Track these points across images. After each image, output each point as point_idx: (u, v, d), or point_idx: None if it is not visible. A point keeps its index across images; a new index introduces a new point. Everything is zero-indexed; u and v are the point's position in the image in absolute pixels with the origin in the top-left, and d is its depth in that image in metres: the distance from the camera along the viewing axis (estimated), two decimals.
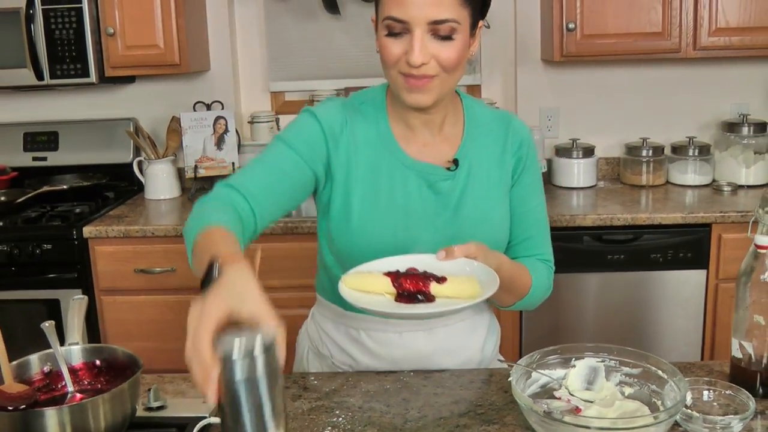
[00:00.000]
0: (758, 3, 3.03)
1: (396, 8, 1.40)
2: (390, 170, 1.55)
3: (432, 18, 1.39)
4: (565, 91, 3.54)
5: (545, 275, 1.65)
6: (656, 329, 2.96)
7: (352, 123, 1.55)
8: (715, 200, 3.06)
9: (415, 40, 1.39)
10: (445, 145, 1.59)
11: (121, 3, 3.12)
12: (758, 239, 1.37)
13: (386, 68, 1.47)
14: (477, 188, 1.58)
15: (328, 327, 1.68)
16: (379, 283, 1.33)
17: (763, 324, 1.38)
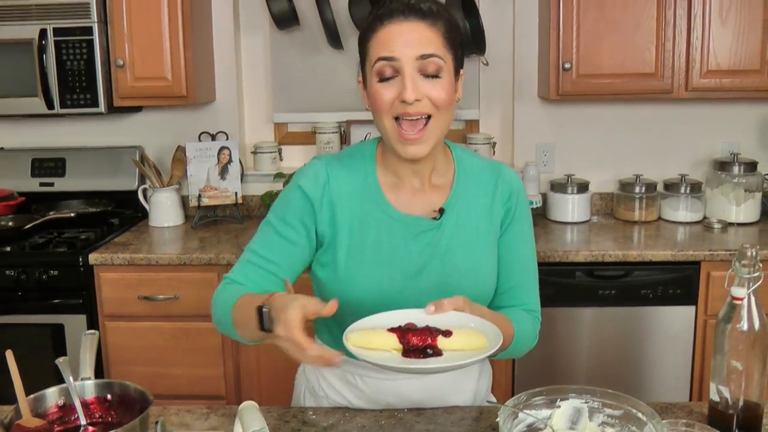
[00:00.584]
0: (747, 47, 3.12)
1: (385, 49, 1.48)
2: (376, 222, 1.60)
3: (419, 53, 1.47)
4: (561, 128, 3.63)
5: (530, 326, 1.68)
6: (647, 363, 3.02)
7: (335, 179, 1.61)
8: (705, 237, 3.14)
9: (406, 78, 1.46)
10: (435, 194, 1.64)
11: (131, 35, 3.21)
12: (734, 291, 1.44)
13: (379, 117, 1.52)
14: (465, 238, 1.62)
15: (324, 369, 1.72)
16: (384, 340, 1.36)
17: (741, 369, 1.46)
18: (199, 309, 2.99)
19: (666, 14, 3.11)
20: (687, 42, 3.14)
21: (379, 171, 1.63)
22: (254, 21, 3.64)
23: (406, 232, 1.60)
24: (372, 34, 1.51)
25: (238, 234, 3.29)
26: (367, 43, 1.53)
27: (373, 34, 1.51)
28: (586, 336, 3.01)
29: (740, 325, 1.45)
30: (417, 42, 1.47)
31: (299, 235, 1.61)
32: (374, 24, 1.51)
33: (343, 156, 1.66)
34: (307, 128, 3.73)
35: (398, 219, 1.60)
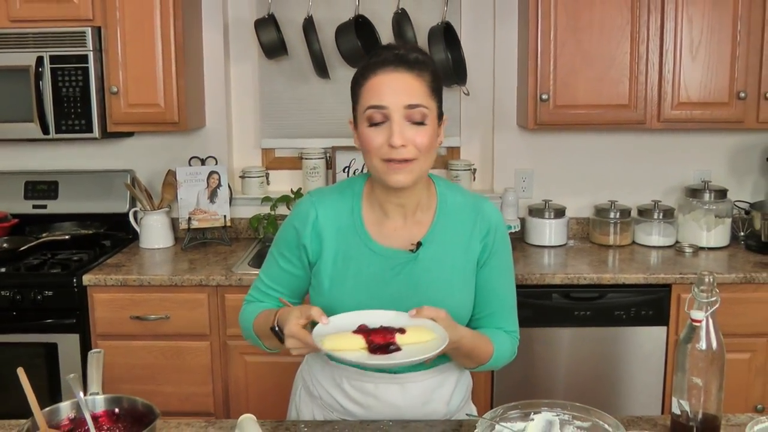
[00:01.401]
0: (717, 81, 3.27)
1: (376, 97, 1.63)
2: (358, 255, 1.74)
3: (407, 102, 1.62)
4: (539, 155, 3.76)
5: (507, 344, 1.83)
6: (621, 381, 3.14)
7: (322, 216, 1.77)
8: (676, 261, 3.27)
9: (394, 124, 1.61)
10: (416, 229, 1.77)
11: (125, 63, 3.31)
12: (693, 314, 1.57)
13: (368, 157, 1.67)
14: (440, 272, 1.74)
15: (317, 371, 1.87)
16: (353, 342, 1.53)
17: (700, 385, 1.58)
18: (190, 328, 3.09)
19: (639, 49, 3.26)
20: (659, 75, 3.28)
21: (365, 207, 1.78)
22: (244, 50, 3.76)
23: (385, 264, 1.73)
24: (364, 81, 1.66)
25: (227, 256, 3.40)
26: (359, 89, 1.67)
27: (366, 82, 1.65)
28: (563, 355, 3.13)
29: (699, 345, 1.58)
30: (405, 92, 1.62)
31: (296, 267, 1.82)
32: (366, 72, 1.66)
33: (333, 192, 1.82)
34: (294, 154, 3.84)
35: (378, 252, 1.74)
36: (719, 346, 1.57)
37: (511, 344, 1.85)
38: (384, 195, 1.74)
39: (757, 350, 3.09)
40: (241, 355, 3.11)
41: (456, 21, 3.63)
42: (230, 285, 3.06)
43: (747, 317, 3.04)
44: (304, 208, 1.79)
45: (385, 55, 1.66)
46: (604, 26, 3.25)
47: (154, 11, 3.28)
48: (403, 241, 1.75)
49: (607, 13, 3.24)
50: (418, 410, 1.80)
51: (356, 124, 1.71)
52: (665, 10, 3.23)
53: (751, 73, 3.26)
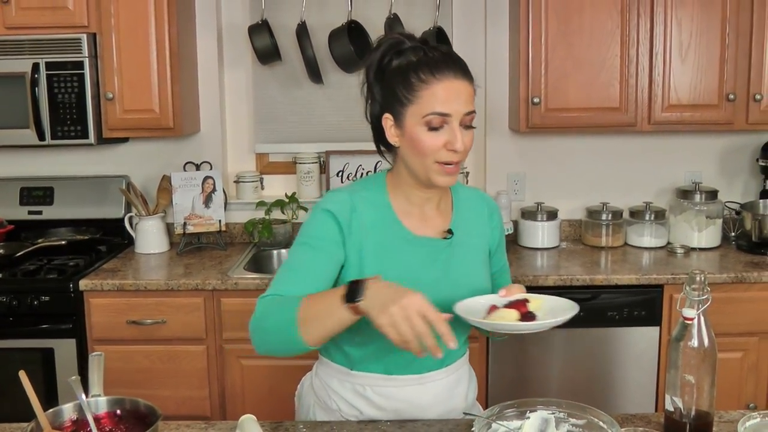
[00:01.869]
0: (706, 83, 3.31)
1: (441, 105, 1.68)
2: (396, 246, 1.79)
3: (467, 110, 1.70)
4: (531, 159, 3.79)
5: None
6: (614, 381, 3.17)
7: (360, 209, 1.78)
8: (668, 262, 3.30)
9: (456, 131, 1.69)
10: (440, 218, 1.87)
11: (120, 70, 3.33)
12: (685, 312, 1.60)
13: (421, 157, 1.71)
14: (466, 255, 1.87)
15: (334, 384, 1.87)
16: (510, 315, 1.67)
17: (693, 382, 1.61)
18: (186, 332, 3.11)
19: (629, 52, 3.30)
20: (649, 78, 3.32)
21: (393, 202, 1.83)
22: (238, 56, 3.79)
23: (422, 252, 1.81)
24: (423, 85, 1.68)
25: (222, 260, 3.42)
26: (419, 91, 1.69)
27: (426, 86, 1.68)
28: (556, 356, 3.16)
29: (691, 343, 1.60)
30: (465, 100, 1.69)
31: (330, 253, 1.75)
32: (424, 73, 1.69)
33: (357, 189, 1.84)
34: (287, 158, 3.86)
35: (414, 242, 1.81)
36: (711, 343, 1.60)
37: None
38: (416, 189, 1.81)
39: (749, 349, 3.12)
40: (238, 359, 3.13)
41: (447, 25, 3.66)
42: (226, 289, 3.08)
43: (739, 316, 3.08)
44: (340, 198, 1.78)
45: (440, 58, 1.71)
46: (594, 30, 3.28)
47: (149, 18, 3.30)
48: (432, 230, 1.84)
49: (597, 17, 3.28)
50: (441, 408, 1.85)
51: (401, 121, 1.73)
52: (654, 14, 3.27)
53: (740, 76, 3.30)
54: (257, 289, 3.05)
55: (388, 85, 1.74)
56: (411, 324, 1.44)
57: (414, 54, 1.72)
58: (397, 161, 1.82)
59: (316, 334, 1.58)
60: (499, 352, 3.13)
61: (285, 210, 3.67)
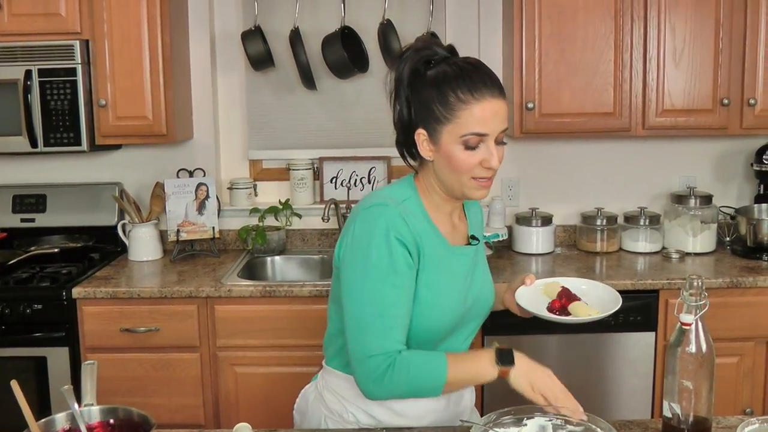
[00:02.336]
0: (700, 88, 3.31)
1: (480, 126, 1.68)
2: (441, 257, 1.79)
3: (502, 128, 1.72)
4: (525, 164, 3.78)
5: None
6: (611, 387, 3.16)
7: (413, 225, 1.73)
8: (663, 267, 3.30)
9: (492, 149, 1.71)
10: (462, 225, 1.92)
11: (113, 76, 3.32)
12: (683, 317, 1.59)
13: (456, 174, 1.72)
14: (481, 257, 1.95)
15: (351, 396, 1.85)
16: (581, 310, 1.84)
17: (690, 388, 1.60)
18: (180, 340, 3.10)
19: (623, 57, 3.30)
20: (643, 83, 3.32)
21: (428, 211, 1.82)
22: (231, 62, 3.78)
23: (460, 261, 1.84)
24: (463, 105, 1.67)
25: (216, 267, 3.40)
26: (455, 110, 1.68)
27: (465, 106, 1.67)
28: (551, 362, 3.07)
29: (689, 348, 1.60)
30: (502, 120, 1.71)
31: (411, 279, 1.73)
32: (462, 92, 1.67)
33: (398, 199, 1.77)
34: (281, 165, 3.85)
35: (452, 251, 1.83)
36: (709, 348, 1.59)
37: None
38: (445, 200, 1.83)
39: (744, 354, 3.12)
40: (231, 367, 3.11)
41: (441, 31, 3.66)
42: (219, 296, 3.06)
43: (734, 321, 3.07)
44: (395, 218, 1.72)
45: (480, 76, 1.70)
46: (588, 35, 3.28)
47: (142, 24, 3.29)
48: (457, 238, 1.88)
49: (590, 22, 3.28)
50: (453, 410, 1.89)
51: (437, 138, 1.72)
52: (648, 18, 3.27)
53: (734, 80, 3.30)
54: (251, 296, 3.04)
55: (423, 98, 1.72)
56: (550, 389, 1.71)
57: (449, 67, 1.71)
58: (426, 172, 1.81)
59: (454, 389, 1.83)
60: None
61: (279, 217, 3.66)
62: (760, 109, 3.32)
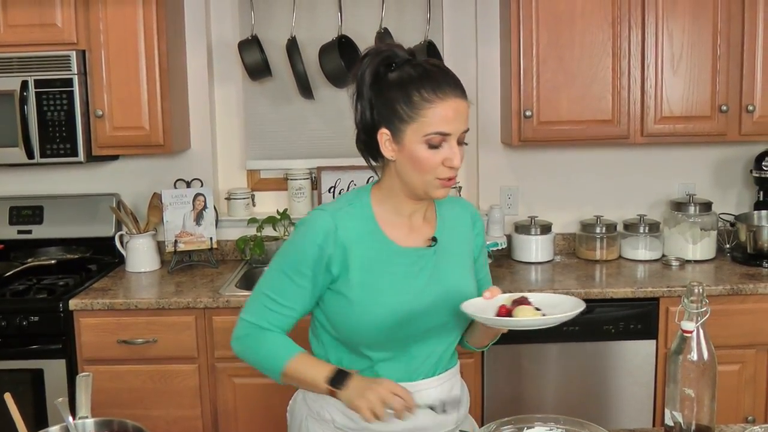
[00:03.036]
0: (699, 95, 3.30)
1: (445, 125, 1.70)
2: (383, 259, 1.80)
3: (464, 128, 1.74)
4: (523, 172, 3.77)
5: None
6: (611, 395, 3.14)
7: (342, 227, 1.79)
8: (663, 275, 3.28)
9: (454, 148, 1.72)
10: (426, 227, 1.88)
11: (109, 87, 3.31)
12: (684, 325, 1.58)
13: (420, 174, 1.74)
14: (452, 261, 1.88)
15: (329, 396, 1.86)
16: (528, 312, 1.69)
17: (692, 396, 1.58)
18: (177, 351, 3.08)
19: (621, 64, 3.29)
20: (641, 90, 3.31)
21: (377, 214, 1.84)
22: (228, 72, 3.77)
23: (408, 262, 1.82)
24: (427, 104, 1.70)
25: (214, 278, 3.39)
26: (422, 110, 1.70)
27: (432, 106, 1.70)
28: (552, 371, 3.13)
29: (691, 356, 1.58)
30: (464, 119, 1.74)
31: (311, 283, 1.80)
32: (427, 91, 1.70)
33: (342, 205, 1.84)
34: (279, 175, 3.84)
35: (400, 252, 1.82)
36: (710, 356, 1.58)
37: None
38: (407, 201, 1.83)
39: (746, 361, 3.10)
40: (230, 378, 3.09)
41: (438, 40, 3.65)
42: (217, 307, 3.04)
43: (735, 329, 3.06)
44: (322, 222, 1.79)
45: (444, 77, 1.73)
46: (585, 42, 3.28)
47: (138, 34, 3.29)
48: (417, 240, 1.86)
49: (588, 29, 3.27)
50: (435, 417, 1.82)
51: (400, 137, 1.74)
52: (646, 25, 3.27)
53: (732, 87, 3.30)
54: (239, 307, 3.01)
55: (386, 99, 1.74)
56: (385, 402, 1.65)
57: (412, 68, 1.73)
58: (389, 173, 1.82)
59: (295, 385, 1.85)
60: (494, 368, 3.10)
61: (277, 227, 3.64)
62: (759, 116, 3.31)
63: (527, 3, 3.27)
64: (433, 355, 1.85)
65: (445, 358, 1.89)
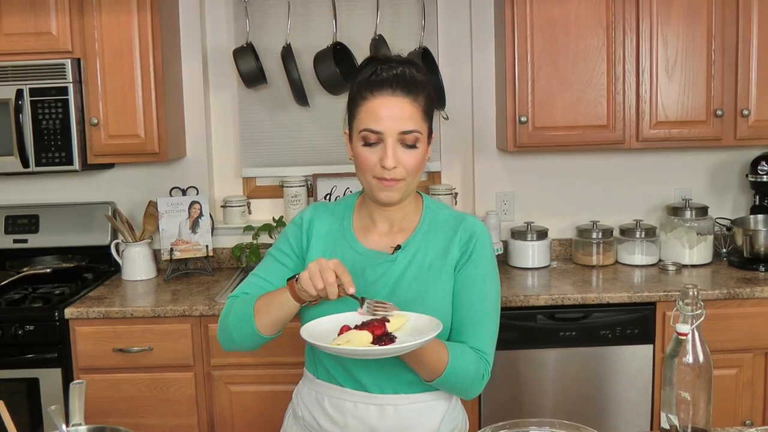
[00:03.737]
0: (694, 99, 3.30)
1: (373, 122, 1.69)
2: (342, 255, 1.81)
3: (401, 129, 1.69)
4: (519, 178, 3.77)
5: (471, 361, 1.74)
6: (608, 401, 3.13)
7: (317, 220, 1.89)
8: (660, 279, 3.28)
9: (388, 148, 1.69)
10: (400, 236, 1.84)
11: (105, 95, 3.31)
12: (679, 327, 1.57)
13: (361, 173, 1.75)
14: (417, 275, 1.78)
15: (304, 392, 1.90)
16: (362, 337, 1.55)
17: (688, 399, 1.58)
18: (173, 359, 3.06)
19: (616, 70, 3.29)
20: (636, 95, 3.31)
21: (355, 216, 1.88)
22: (223, 80, 3.77)
23: (366, 264, 1.80)
24: (362, 101, 1.71)
25: (210, 286, 3.38)
26: (356, 108, 1.73)
27: (363, 102, 1.71)
28: (550, 377, 3.12)
29: (686, 359, 1.57)
30: (401, 118, 1.69)
31: (291, 260, 1.88)
32: (365, 91, 1.71)
33: (331, 204, 1.94)
34: (275, 182, 3.84)
35: (362, 253, 1.82)
36: (706, 359, 1.57)
37: (476, 363, 1.76)
38: (374, 206, 1.83)
39: (743, 365, 3.09)
40: (226, 385, 3.08)
41: (433, 46, 3.65)
42: (213, 315, 3.03)
43: (732, 333, 3.05)
44: (307, 212, 1.92)
45: (384, 75, 1.70)
46: (580, 48, 3.28)
47: (133, 42, 3.29)
48: (386, 245, 1.84)
49: (582, 34, 3.27)
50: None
51: (350, 137, 1.78)
52: (640, 31, 3.27)
53: (728, 91, 3.30)
54: None
55: (348, 101, 1.79)
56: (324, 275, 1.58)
57: (369, 71, 1.73)
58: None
59: (266, 321, 1.73)
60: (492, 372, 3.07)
61: (273, 234, 3.63)
62: (754, 120, 3.31)
63: (522, 9, 3.28)
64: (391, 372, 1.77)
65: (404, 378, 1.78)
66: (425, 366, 1.69)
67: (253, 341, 1.79)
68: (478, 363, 1.76)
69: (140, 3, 3.27)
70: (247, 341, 1.79)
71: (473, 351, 1.77)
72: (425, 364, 1.68)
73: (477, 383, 1.78)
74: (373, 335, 1.56)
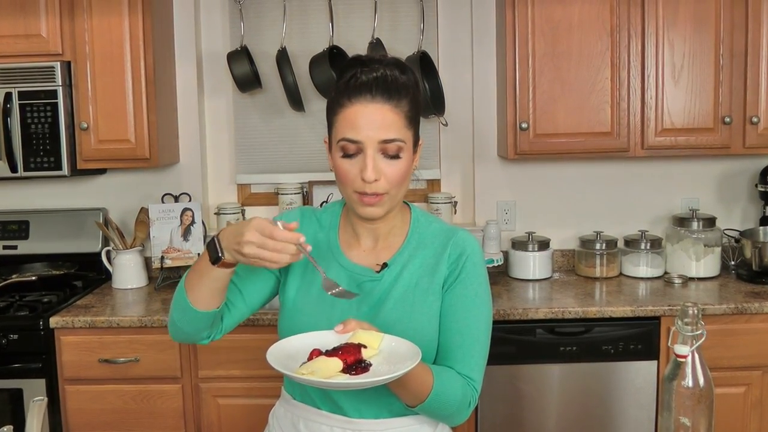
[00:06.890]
0: (701, 106, 3.21)
1: (350, 131, 1.55)
2: (327, 269, 1.68)
3: (382, 138, 1.55)
4: (521, 186, 3.68)
5: (457, 387, 1.62)
6: (611, 417, 3.03)
7: (304, 227, 1.75)
8: (665, 293, 3.18)
9: (368, 158, 1.55)
10: (386, 252, 1.72)
11: (95, 99, 3.23)
12: (678, 349, 1.47)
13: (342, 186, 1.62)
14: (401, 291, 1.67)
15: (280, 413, 1.80)
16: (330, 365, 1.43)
17: (689, 425, 1.48)
18: (160, 371, 2.98)
19: (620, 75, 3.20)
20: (641, 101, 3.22)
21: (341, 227, 1.75)
22: (217, 84, 3.69)
23: (350, 279, 1.69)
24: (339, 108, 1.58)
25: None
26: (333, 116, 1.60)
27: (340, 109, 1.58)
28: (550, 393, 3.02)
29: (685, 382, 1.47)
30: (381, 126, 1.55)
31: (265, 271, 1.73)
32: (342, 98, 1.58)
33: (318, 211, 1.81)
34: (269, 189, 3.75)
35: (346, 267, 1.71)
36: (707, 382, 1.47)
37: (462, 389, 1.63)
38: (356, 219, 1.70)
39: (752, 383, 2.98)
40: (214, 398, 3.00)
41: (433, 50, 3.56)
42: None
43: (740, 349, 2.94)
44: (293, 214, 1.79)
45: (363, 79, 1.56)
46: (583, 52, 3.19)
47: (124, 45, 3.22)
48: (371, 262, 1.71)
49: (585, 38, 3.18)
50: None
51: (330, 146, 1.65)
52: (646, 35, 3.18)
53: (736, 98, 3.20)
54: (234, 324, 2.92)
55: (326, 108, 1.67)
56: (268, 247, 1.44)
57: (349, 74, 1.59)
58: None
59: (199, 295, 1.59)
60: (488, 388, 2.98)
61: None
62: (764, 128, 3.21)
63: (523, 11, 3.19)
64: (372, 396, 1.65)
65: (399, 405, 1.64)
66: (408, 391, 1.56)
67: (192, 321, 1.63)
68: (464, 389, 1.64)
69: (132, 5, 3.20)
70: (188, 322, 1.64)
71: (461, 377, 1.65)
72: (408, 388, 1.55)
73: (462, 411, 1.65)
74: (344, 363, 1.43)
